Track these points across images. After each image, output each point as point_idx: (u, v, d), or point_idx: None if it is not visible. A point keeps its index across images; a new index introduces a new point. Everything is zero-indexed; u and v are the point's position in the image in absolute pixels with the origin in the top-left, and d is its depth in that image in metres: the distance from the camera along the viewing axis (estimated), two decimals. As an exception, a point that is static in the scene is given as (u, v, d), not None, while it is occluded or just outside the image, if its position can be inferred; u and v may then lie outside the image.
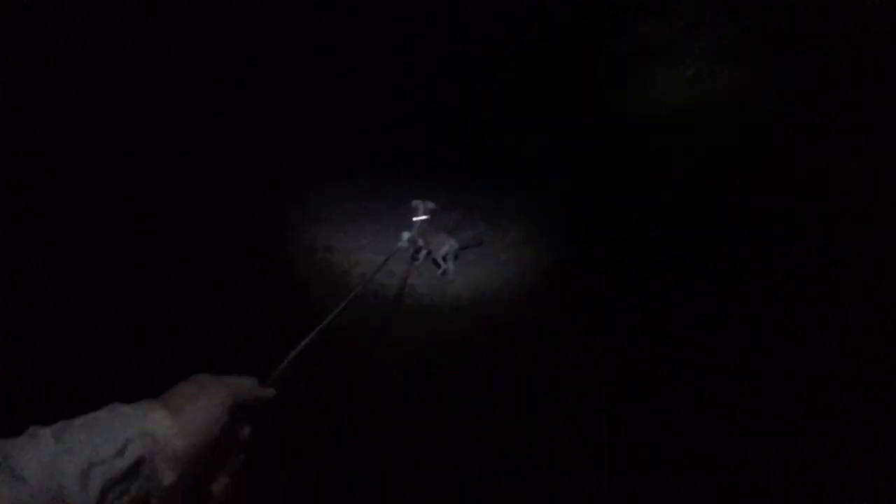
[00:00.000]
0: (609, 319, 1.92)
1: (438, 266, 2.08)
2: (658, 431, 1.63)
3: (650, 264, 1.98)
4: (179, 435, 0.54)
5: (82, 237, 1.87)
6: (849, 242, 1.75)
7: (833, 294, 1.72)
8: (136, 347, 1.66)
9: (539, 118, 2.33)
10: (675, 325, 1.82)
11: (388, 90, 2.42)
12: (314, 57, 2.34)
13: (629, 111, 2.24)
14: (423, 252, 2.13)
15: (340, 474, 1.57)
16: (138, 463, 0.51)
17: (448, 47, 2.32)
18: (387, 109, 2.41)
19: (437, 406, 1.73)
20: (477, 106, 2.40)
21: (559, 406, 1.73)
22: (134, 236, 1.92)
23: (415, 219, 2.08)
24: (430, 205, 2.13)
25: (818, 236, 1.80)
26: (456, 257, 2.08)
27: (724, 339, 1.76)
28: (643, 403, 1.71)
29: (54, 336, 1.66)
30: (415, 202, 2.12)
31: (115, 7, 2.03)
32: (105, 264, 1.84)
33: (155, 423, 0.54)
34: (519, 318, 2.00)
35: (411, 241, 2.07)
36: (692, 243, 1.95)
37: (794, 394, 1.63)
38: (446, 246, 2.02)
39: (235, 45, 2.25)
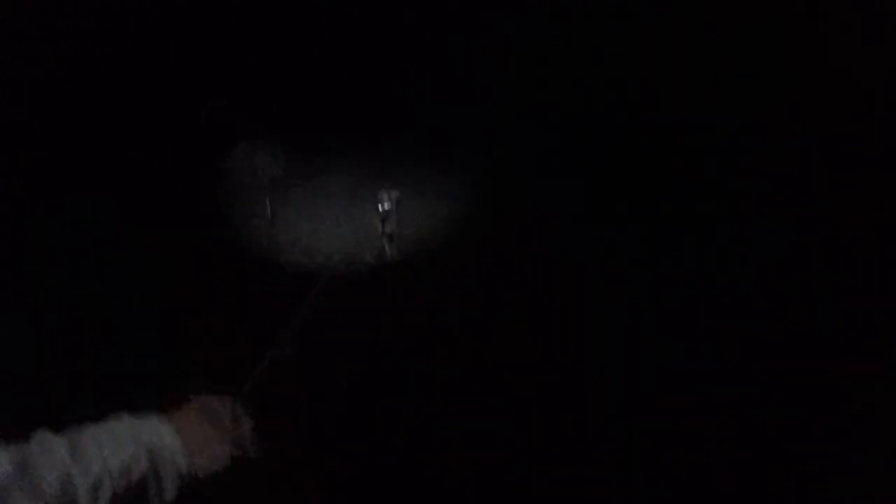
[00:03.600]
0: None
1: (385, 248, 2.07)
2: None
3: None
4: (184, 454, 0.58)
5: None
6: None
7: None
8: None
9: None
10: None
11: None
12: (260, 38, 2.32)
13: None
14: (388, 239, 2.11)
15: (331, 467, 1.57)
16: (144, 477, 0.54)
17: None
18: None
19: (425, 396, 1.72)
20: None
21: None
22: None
23: (380, 208, 2.07)
24: (395, 193, 2.10)
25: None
26: (391, 237, 2.07)
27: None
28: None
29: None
30: (380, 193, 2.10)
31: (115, 7, 2.03)
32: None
33: (161, 440, 0.57)
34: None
35: (378, 228, 2.07)
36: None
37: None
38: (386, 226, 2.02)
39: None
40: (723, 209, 2.00)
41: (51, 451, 0.49)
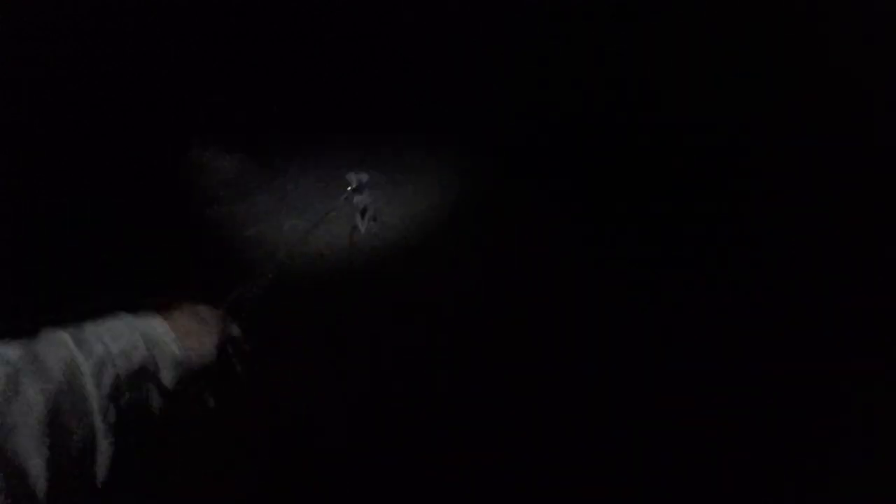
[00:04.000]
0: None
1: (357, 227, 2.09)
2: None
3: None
4: (178, 344, 0.61)
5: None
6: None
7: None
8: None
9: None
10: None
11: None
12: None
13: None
14: (363, 220, 2.12)
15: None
16: (143, 364, 0.56)
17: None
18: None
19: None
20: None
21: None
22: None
23: (350, 188, 2.08)
24: (364, 175, 2.10)
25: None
26: (365, 213, 2.08)
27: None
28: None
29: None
30: (349, 175, 2.11)
31: (115, 7, 2.03)
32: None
33: (157, 331, 0.60)
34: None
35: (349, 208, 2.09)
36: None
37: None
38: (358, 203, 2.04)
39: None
40: (723, 209, 2.01)
41: (56, 340, 0.51)
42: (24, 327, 0.52)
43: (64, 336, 0.52)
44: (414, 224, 2.25)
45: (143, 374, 0.56)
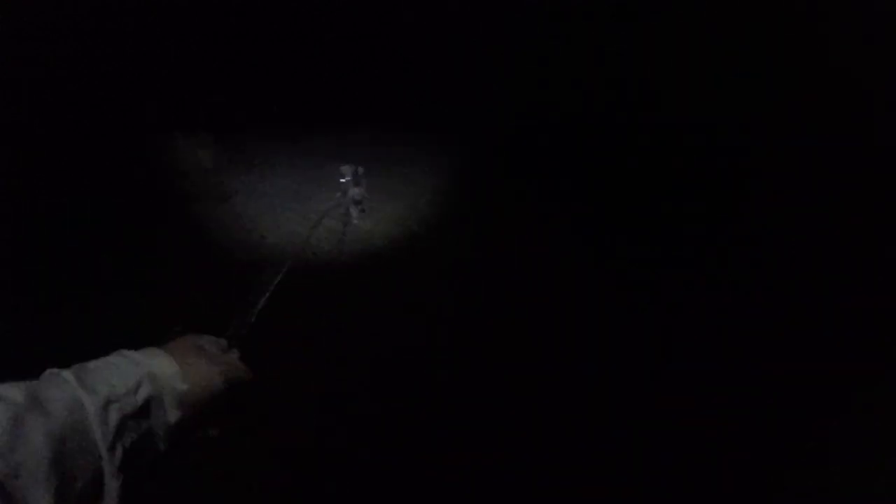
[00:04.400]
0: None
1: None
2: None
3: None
4: (182, 379, 0.61)
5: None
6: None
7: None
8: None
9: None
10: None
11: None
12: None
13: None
14: (355, 214, 2.12)
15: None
16: (148, 401, 0.57)
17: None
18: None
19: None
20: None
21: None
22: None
23: (342, 181, 2.09)
24: (360, 169, 2.08)
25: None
26: (360, 204, 2.09)
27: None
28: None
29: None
30: (343, 168, 2.11)
31: (115, 7, 2.03)
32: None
33: (161, 367, 0.61)
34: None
35: (343, 204, 2.09)
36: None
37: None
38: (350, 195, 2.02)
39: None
40: (723, 209, 2.01)
41: (59, 381, 0.52)
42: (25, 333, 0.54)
43: (68, 376, 0.53)
44: (411, 224, 2.25)
45: (148, 412, 0.57)
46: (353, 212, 2.08)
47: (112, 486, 0.50)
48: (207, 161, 2.29)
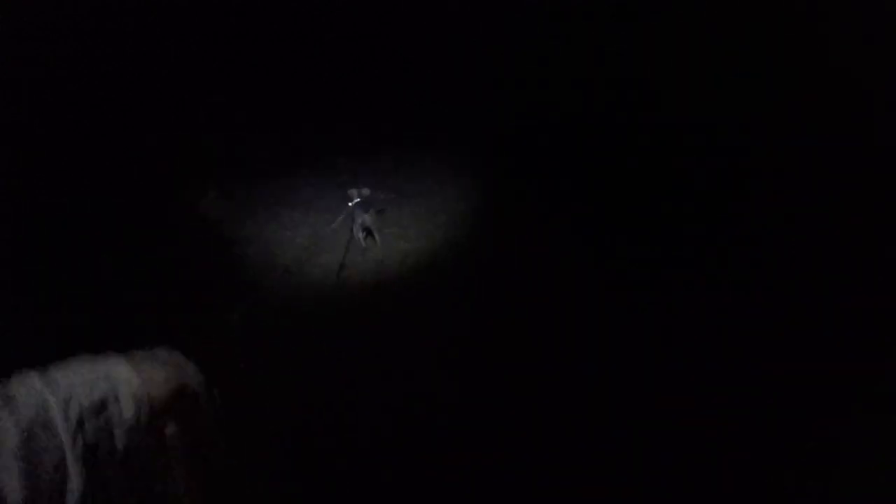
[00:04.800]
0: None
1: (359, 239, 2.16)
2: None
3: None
4: (137, 380, 0.70)
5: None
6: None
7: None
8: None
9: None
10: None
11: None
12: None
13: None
14: (363, 233, 2.17)
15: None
16: (105, 398, 0.66)
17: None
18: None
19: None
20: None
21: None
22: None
23: (350, 204, 2.20)
24: (366, 191, 2.22)
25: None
26: (369, 232, 2.17)
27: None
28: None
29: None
30: (350, 191, 2.22)
31: (115, 7, 2.03)
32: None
33: (117, 368, 0.70)
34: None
35: (350, 223, 2.17)
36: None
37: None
38: (359, 220, 2.16)
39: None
40: (723, 209, 2.01)
41: (27, 382, 0.61)
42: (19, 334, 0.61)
43: (33, 376, 0.62)
44: (413, 223, 2.26)
45: (105, 406, 0.65)
46: (359, 234, 2.13)
47: (75, 474, 0.57)
48: (228, 173, 2.30)
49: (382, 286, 2.04)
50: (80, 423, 0.60)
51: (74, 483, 0.57)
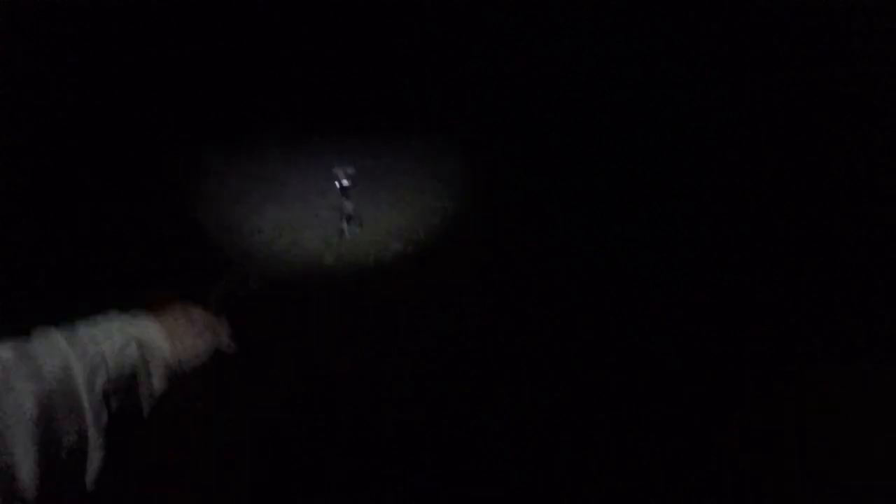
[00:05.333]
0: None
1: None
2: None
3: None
4: (171, 349, 0.61)
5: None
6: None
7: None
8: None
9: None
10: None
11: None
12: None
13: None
14: (346, 221, 2.07)
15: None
16: (135, 368, 0.56)
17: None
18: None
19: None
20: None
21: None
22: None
23: (338, 185, 2.06)
24: (350, 170, 2.08)
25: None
26: (350, 218, 2.08)
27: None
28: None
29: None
30: (336, 169, 2.07)
31: (116, 8, 2.03)
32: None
33: (150, 336, 0.60)
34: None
35: (335, 209, 2.08)
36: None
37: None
38: (345, 208, 2.04)
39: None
40: (722, 209, 2.01)
41: (50, 341, 0.52)
42: (20, 327, 0.52)
43: (57, 336, 0.53)
44: (409, 223, 2.25)
45: (135, 379, 0.57)
46: (344, 225, 2.05)
47: (96, 450, 0.50)
48: (220, 166, 2.30)
49: (367, 275, 2.03)
50: (106, 396, 0.52)
51: (94, 462, 0.50)
